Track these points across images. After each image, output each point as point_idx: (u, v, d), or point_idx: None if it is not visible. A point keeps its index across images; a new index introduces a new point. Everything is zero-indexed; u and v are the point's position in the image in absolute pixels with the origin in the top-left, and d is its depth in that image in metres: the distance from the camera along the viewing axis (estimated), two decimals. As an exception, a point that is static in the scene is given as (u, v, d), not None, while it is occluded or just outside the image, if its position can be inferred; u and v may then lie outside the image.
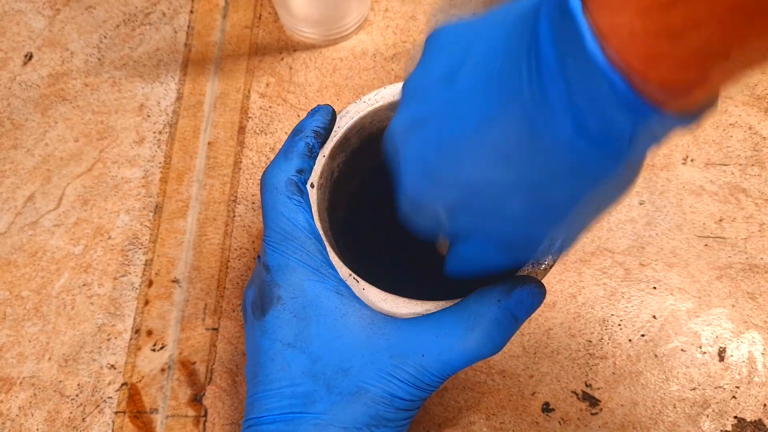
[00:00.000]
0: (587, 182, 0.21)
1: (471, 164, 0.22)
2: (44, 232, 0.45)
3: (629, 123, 0.18)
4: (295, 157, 0.32)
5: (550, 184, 0.21)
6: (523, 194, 0.22)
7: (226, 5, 0.52)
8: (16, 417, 0.40)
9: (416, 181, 0.25)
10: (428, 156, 0.24)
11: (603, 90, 0.17)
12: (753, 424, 0.38)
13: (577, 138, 0.19)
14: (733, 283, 0.42)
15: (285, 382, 0.29)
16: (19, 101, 0.49)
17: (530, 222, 0.23)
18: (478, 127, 0.22)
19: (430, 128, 0.24)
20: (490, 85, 0.21)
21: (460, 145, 0.22)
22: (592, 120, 0.19)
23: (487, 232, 0.25)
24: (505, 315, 0.29)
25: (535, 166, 0.21)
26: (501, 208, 0.23)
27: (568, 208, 0.22)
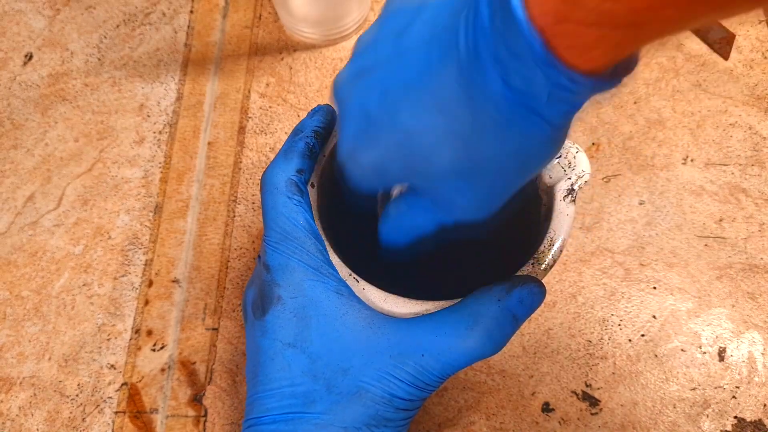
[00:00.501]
0: (511, 137, 0.22)
1: (408, 112, 0.24)
2: (44, 232, 0.45)
3: (544, 79, 0.20)
4: (295, 157, 0.32)
5: (477, 136, 0.23)
6: (453, 145, 0.23)
7: (226, 5, 0.52)
8: (16, 417, 0.40)
9: (357, 128, 0.26)
10: (370, 102, 0.25)
11: (522, 45, 0.19)
12: (753, 424, 0.38)
13: (503, 90, 0.21)
14: (733, 283, 0.42)
15: (285, 381, 0.29)
16: (19, 101, 0.49)
17: (458, 176, 0.24)
18: (419, 77, 0.23)
19: (375, 76, 0.25)
20: (433, 39, 0.23)
21: (401, 94, 0.24)
22: (514, 74, 0.20)
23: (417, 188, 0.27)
24: (505, 314, 0.29)
25: (466, 117, 0.22)
26: (431, 159, 0.24)
27: (492, 162, 0.23)
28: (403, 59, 0.24)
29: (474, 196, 0.25)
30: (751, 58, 0.48)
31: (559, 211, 0.31)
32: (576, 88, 0.20)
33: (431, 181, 0.26)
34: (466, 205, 0.26)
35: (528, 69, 0.20)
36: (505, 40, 0.19)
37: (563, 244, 0.31)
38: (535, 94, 0.20)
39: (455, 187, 0.25)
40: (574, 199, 0.31)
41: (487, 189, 0.25)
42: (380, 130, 0.25)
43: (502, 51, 0.20)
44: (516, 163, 0.24)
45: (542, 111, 0.21)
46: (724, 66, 0.48)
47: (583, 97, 0.21)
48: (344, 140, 0.27)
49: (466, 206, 0.26)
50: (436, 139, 0.24)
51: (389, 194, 0.32)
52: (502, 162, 0.23)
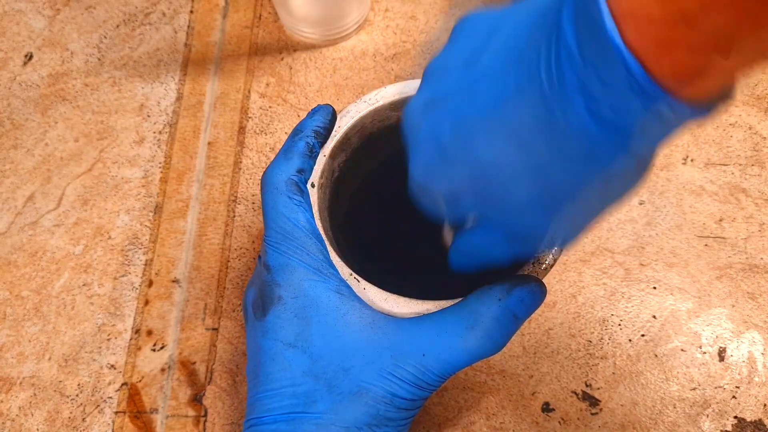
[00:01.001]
0: (595, 170, 0.21)
1: (483, 143, 0.23)
2: (44, 232, 0.45)
3: (640, 107, 0.18)
4: (295, 157, 0.32)
5: (558, 169, 0.21)
6: (531, 177, 0.22)
7: (226, 5, 0.52)
8: (16, 417, 0.40)
9: (428, 158, 0.25)
10: (442, 134, 0.24)
11: (617, 72, 0.18)
12: (753, 424, 0.38)
13: (589, 122, 0.19)
14: (733, 283, 0.42)
15: (286, 381, 0.29)
16: (19, 101, 0.49)
17: (536, 209, 0.23)
18: (494, 107, 0.22)
19: (446, 107, 0.24)
20: (509, 66, 0.21)
21: (475, 124, 0.23)
22: (604, 104, 0.19)
23: (492, 218, 0.26)
24: (506, 314, 0.29)
25: (546, 149, 0.21)
26: (508, 191, 0.23)
27: (574, 196, 0.22)
28: (476, 89, 0.23)
29: (553, 227, 0.24)
30: (750, 58, 0.48)
31: None
32: (675, 118, 0.19)
33: (507, 213, 0.25)
34: (543, 237, 0.25)
35: (621, 99, 0.18)
36: (597, 68, 0.18)
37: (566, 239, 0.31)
38: (625, 125, 0.19)
39: (532, 220, 0.24)
40: None
41: (569, 222, 0.24)
42: (453, 162, 0.24)
43: (591, 80, 0.19)
44: (600, 195, 0.23)
45: (631, 142, 0.20)
46: (723, 66, 0.48)
47: (676, 126, 0.20)
48: (415, 171, 0.26)
49: (542, 238, 0.25)
50: (513, 173, 0.22)
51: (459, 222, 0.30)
52: (584, 195, 0.22)
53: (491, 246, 0.27)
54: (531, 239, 0.26)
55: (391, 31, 0.50)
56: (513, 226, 0.25)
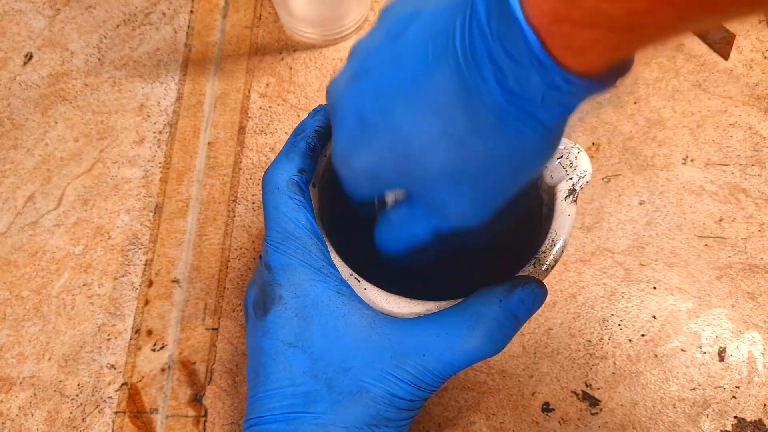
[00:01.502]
0: (507, 140, 0.22)
1: (402, 113, 0.24)
2: (44, 232, 0.45)
3: (540, 80, 0.20)
4: (296, 157, 0.32)
5: (471, 139, 0.23)
6: (447, 147, 0.23)
7: (226, 5, 0.52)
8: (16, 417, 0.40)
9: (350, 131, 0.26)
10: (364, 106, 0.25)
11: (519, 45, 0.19)
12: (753, 424, 0.38)
13: (498, 93, 0.21)
14: (733, 283, 0.42)
15: (286, 381, 0.29)
16: (19, 101, 0.49)
17: (452, 179, 0.24)
18: (413, 78, 0.23)
19: (368, 79, 0.25)
20: (428, 40, 0.23)
21: (395, 95, 0.24)
22: (510, 75, 0.20)
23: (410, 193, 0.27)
24: (506, 315, 0.29)
25: (460, 118, 0.22)
26: (426, 162, 0.24)
27: (488, 167, 0.23)
28: (397, 62, 0.24)
29: (469, 200, 0.25)
30: (751, 58, 0.48)
31: (561, 212, 0.31)
32: (571, 90, 0.20)
33: (425, 185, 0.25)
34: (461, 210, 0.26)
35: (524, 70, 0.20)
36: (502, 40, 0.20)
37: (565, 245, 0.31)
38: (529, 96, 0.20)
39: (449, 191, 0.25)
40: (576, 200, 0.31)
41: (482, 192, 0.25)
42: (373, 134, 0.25)
43: (498, 52, 0.20)
44: (510, 165, 0.24)
45: (537, 113, 0.21)
46: (724, 66, 0.48)
47: (577, 99, 0.21)
48: (338, 145, 0.27)
49: (461, 211, 0.26)
50: (429, 142, 0.23)
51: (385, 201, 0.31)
52: (497, 165, 0.23)
53: (412, 221, 0.28)
54: (450, 212, 0.26)
55: (391, 31, 0.50)
56: (431, 199, 0.26)
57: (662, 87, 0.47)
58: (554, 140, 0.23)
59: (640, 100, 0.47)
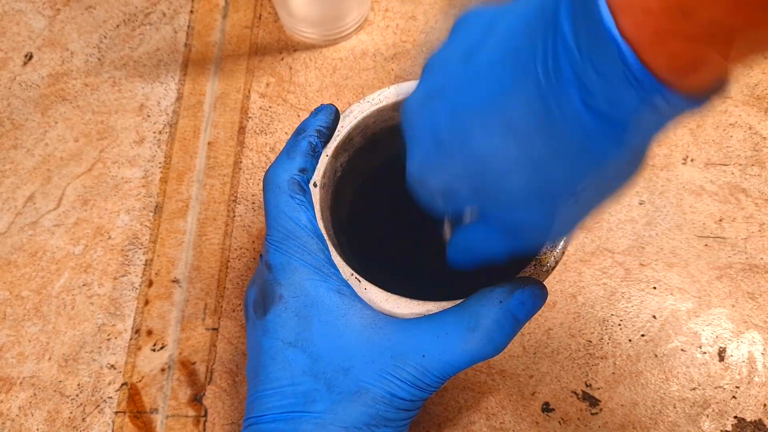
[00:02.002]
0: (591, 163, 0.21)
1: (480, 136, 0.23)
2: (44, 232, 0.45)
3: (636, 99, 0.18)
4: (298, 156, 0.32)
5: (554, 162, 0.22)
6: (527, 171, 0.22)
7: (226, 5, 0.52)
8: (16, 417, 0.40)
9: (425, 152, 0.25)
10: (439, 127, 0.24)
11: (613, 64, 0.18)
12: (753, 424, 0.38)
13: (584, 114, 0.20)
14: (733, 283, 0.42)
15: (286, 381, 0.29)
16: (19, 101, 0.49)
17: (532, 202, 0.24)
18: (491, 100, 0.22)
19: (444, 100, 0.24)
20: (506, 59, 0.22)
21: (472, 117, 0.23)
22: (600, 96, 0.19)
23: (488, 213, 0.26)
24: (507, 316, 0.29)
25: (542, 142, 0.21)
26: (504, 185, 0.23)
27: (569, 190, 0.23)
28: (474, 81, 0.23)
29: (547, 222, 0.25)
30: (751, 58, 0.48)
31: None
32: (668, 109, 0.19)
33: (502, 207, 0.25)
34: (539, 231, 0.25)
35: (616, 90, 0.19)
36: (592, 60, 0.18)
37: (566, 246, 0.31)
38: (619, 117, 0.19)
39: (527, 213, 0.24)
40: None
41: (562, 214, 0.24)
42: (450, 154, 0.24)
43: (586, 71, 0.19)
44: (593, 188, 0.23)
45: (625, 134, 0.20)
46: (723, 66, 0.48)
47: (672, 118, 0.20)
48: (413, 164, 0.27)
49: (538, 232, 0.25)
50: (508, 164, 0.23)
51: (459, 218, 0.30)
52: (579, 189, 0.22)
53: (488, 241, 0.27)
54: (527, 233, 0.26)
55: (391, 31, 0.50)
56: (509, 220, 0.25)
57: (662, 87, 0.47)
58: (640, 161, 0.22)
59: (640, 100, 0.47)
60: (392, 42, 0.49)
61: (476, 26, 0.25)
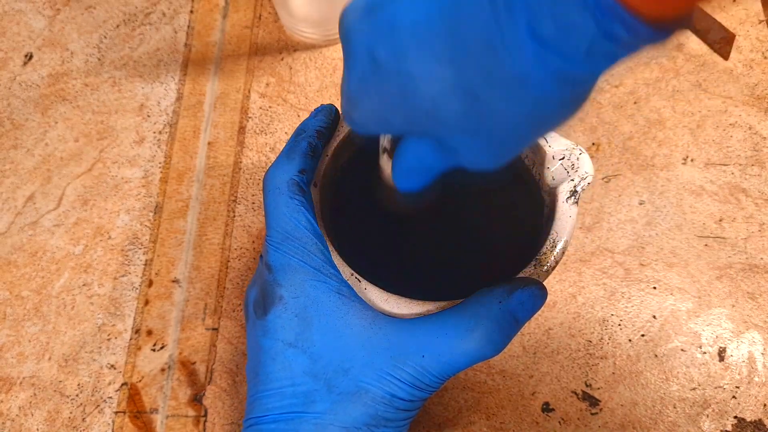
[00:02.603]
0: (528, 99, 0.20)
1: (416, 58, 0.21)
2: (44, 232, 0.45)
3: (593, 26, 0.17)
4: (297, 157, 0.31)
5: (488, 93, 0.20)
6: (461, 98, 0.21)
7: (226, 5, 0.52)
8: (16, 417, 0.40)
9: (361, 69, 0.24)
10: (376, 43, 0.23)
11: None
12: (753, 424, 0.38)
13: (527, 42, 0.18)
14: (733, 283, 0.42)
15: (286, 381, 0.29)
16: (19, 101, 0.49)
17: (463, 131, 0.23)
18: (431, 18, 0.21)
19: (385, 12, 0.22)
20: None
21: (410, 35, 0.21)
22: (549, 22, 0.18)
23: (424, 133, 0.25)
24: (506, 316, 0.29)
25: (478, 68, 0.20)
26: (439, 111, 0.22)
27: (502, 122, 0.21)
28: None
29: (482, 150, 0.23)
30: (751, 58, 0.48)
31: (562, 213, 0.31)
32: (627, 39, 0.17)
33: (437, 134, 0.24)
34: (474, 157, 0.24)
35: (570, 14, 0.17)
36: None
37: (565, 246, 0.31)
38: (568, 48, 0.18)
39: (462, 141, 0.23)
40: (577, 201, 0.31)
41: (495, 145, 0.23)
42: (385, 77, 0.23)
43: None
44: (531, 122, 0.21)
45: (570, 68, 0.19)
46: (724, 66, 0.48)
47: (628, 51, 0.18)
48: (347, 83, 0.25)
49: (474, 158, 0.24)
50: (443, 92, 0.21)
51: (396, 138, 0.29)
52: (515, 120, 0.21)
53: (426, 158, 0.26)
54: (460, 157, 0.24)
55: (391, 31, 0.50)
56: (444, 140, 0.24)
57: (662, 87, 0.47)
58: (584, 98, 0.21)
59: (640, 100, 0.47)
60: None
61: None
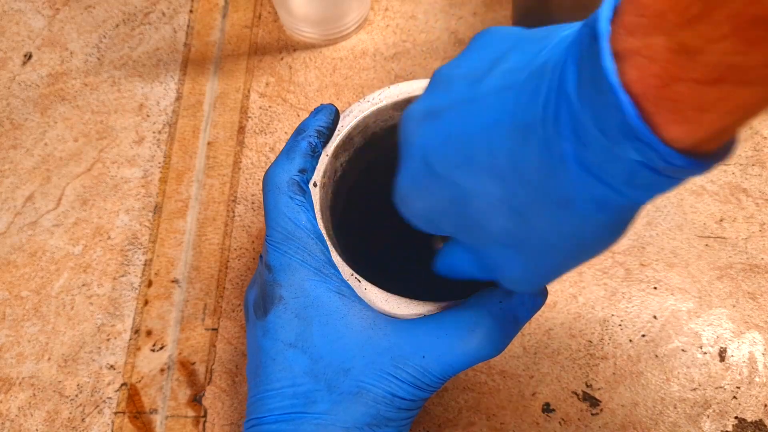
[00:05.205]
0: (571, 221, 0.20)
1: (466, 167, 0.22)
2: (44, 232, 0.44)
3: (631, 155, 0.17)
4: (297, 157, 0.31)
5: (535, 212, 0.21)
6: (508, 214, 0.22)
7: (225, 5, 0.52)
8: (16, 417, 0.40)
9: (414, 172, 0.25)
10: (432, 149, 0.24)
11: (611, 115, 0.16)
12: (754, 424, 0.38)
13: (575, 169, 0.18)
14: (734, 283, 0.41)
15: (286, 382, 0.29)
16: (19, 101, 0.49)
17: (508, 246, 0.23)
18: (484, 132, 0.21)
19: (442, 121, 0.23)
20: (510, 93, 0.20)
21: (462, 146, 0.22)
22: (594, 152, 0.18)
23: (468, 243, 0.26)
24: (507, 317, 0.29)
25: (526, 188, 0.20)
26: (483, 223, 0.23)
27: (545, 242, 0.22)
28: (473, 109, 0.22)
29: (519, 270, 0.24)
30: (751, 58, 0.48)
31: None
32: (666, 169, 0.17)
33: (479, 245, 0.25)
34: (513, 276, 0.25)
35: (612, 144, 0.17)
36: (591, 109, 0.17)
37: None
38: (611, 175, 0.18)
39: (501, 257, 0.24)
40: None
41: (539, 265, 0.24)
42: (436, 182, 0.24)
43: (584, 123, 0.17)
44: (569, 246, 0.22)
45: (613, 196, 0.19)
46: (724, 66, 0.48)
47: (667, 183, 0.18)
48: (401, 181, 0.26)
49: (512, 276, 0.25)
50: (489, 206, 0.22)
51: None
52: (557, 242, 0.22)
53: (467, 267, 0.27)
54: (500, 273, 0.25)
55: (391, 31, 0.50)
56: (483, 256, 0.25)
57: (663, 87, 0.47)
58: (624, 227, 0.21)
59: (641, 100, 0.47)
60: (392, 42, 0.49)
61: (493, 47, 0.24)
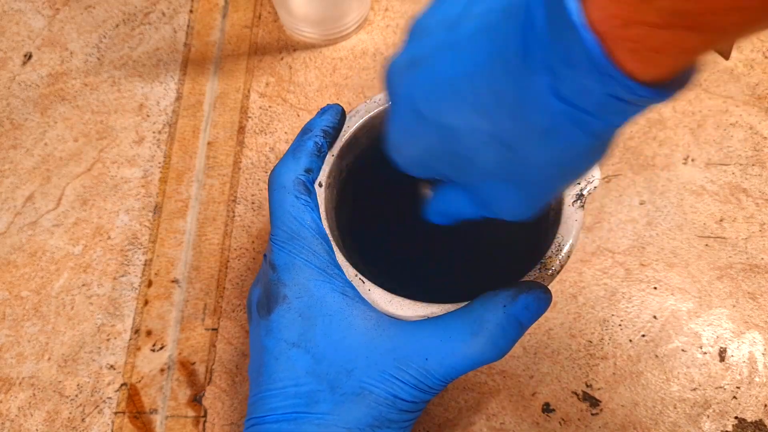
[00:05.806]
0: (554, 148, 0.22)
1: (454, 109, 0.23)
2: (44, 232, 0.44)
3: (599, 88, 0.19)
4: (303, 156, 0.31)
5: (522, 143, 0.22)
6: (497, 148, 0.23)
7: (225, 5, 0.52)
8: (16, 417, 0.40)
9: (403, 119, 0.26)
10: (418, 95, 0.24)
11: (578, 52, 0.18)
12: (754, 424, 0.38)
13: (551, 100, 0.20)
14: (734, 283, 0.42)
15: (289, 381, 0.29)
16: (19, 101, 0.49)
17: (497, 179, 0.24)
18: (466, 74, 0.22)
19: (424, 68, 0.24)
20: (485, 35, 0.22)
21: (447, 89, 0.23)
22: (566, 83, 0.19)
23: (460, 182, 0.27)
24: (510, 321, 0.28)
25: (511, 122, 0.22)
26: (474, 160, 0.24)
27: (532, 171, 0.23)
28: (453, 53, 0.23)
29: (515, 198, 0.25)
30: (751, 57, 0.48)
31: (568, 216, 0.31)
32: (632, 99, 0.19)
33: (473, 181, 0.26)
34: (507, 206, 0.26)
35: (581, 78, 0.19)
36: (560, 46, 0.19)
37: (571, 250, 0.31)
38: (585, 104, 0.20)
39: (496, 189, 0.25)
40: (583, 205, 0.31)
41: (528, 192, 0.25)
42: (425, 127, 0.25)
43: (554, 58, 0.19)
44: (557, 171, 0.23)
45: (590, 122, 0.20)
46: (724, 65, 0.48)
47: (636, 109, 0.20)
48: (392, 131, 0.27)
49: (506, 206, 0.26)
50: (479, 142, 0.23)
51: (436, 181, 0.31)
52: (544, 169, 0.23)
53: (461, 206, 0.28)
54: (493, 206, 0.26)
55: (391, 31, 0.50)
56: (478, 192, 0.26)
57: (662, 87, 0.47)
58: (605, 148, 0.23)
59: (641, 100, 0.47)
60: (392, 41, 0.49)
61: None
